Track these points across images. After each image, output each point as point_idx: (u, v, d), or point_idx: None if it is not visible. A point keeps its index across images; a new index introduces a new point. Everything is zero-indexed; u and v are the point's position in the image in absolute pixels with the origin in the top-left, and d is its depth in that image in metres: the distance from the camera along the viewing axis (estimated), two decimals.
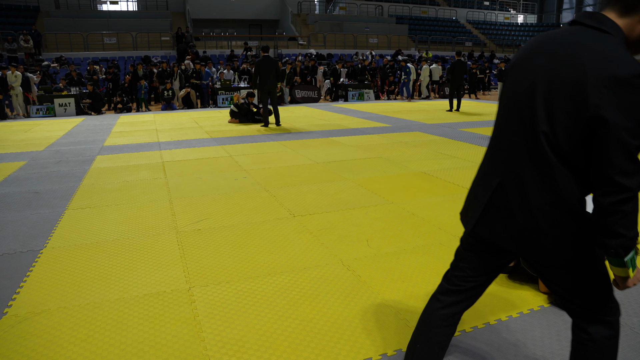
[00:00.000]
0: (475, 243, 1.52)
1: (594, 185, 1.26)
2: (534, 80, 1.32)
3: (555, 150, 1.28)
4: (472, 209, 1.52)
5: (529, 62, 1.36)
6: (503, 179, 1.41)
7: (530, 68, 1.35)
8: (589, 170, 1.26)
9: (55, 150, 7.42)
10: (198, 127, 9.83)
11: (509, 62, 1.48)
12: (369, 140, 7.78)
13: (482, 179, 1.52)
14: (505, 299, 2.53)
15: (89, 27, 20.73)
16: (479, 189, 1.52)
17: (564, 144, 1.26)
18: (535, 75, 1.33)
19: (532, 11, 37.04)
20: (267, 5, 26.43)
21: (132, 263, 3.04)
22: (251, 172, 5.58)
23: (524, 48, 1.43)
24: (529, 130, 1.33)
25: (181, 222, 3.83)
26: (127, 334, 2.23)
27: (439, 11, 31.18)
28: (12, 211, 4.23)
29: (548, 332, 2.21)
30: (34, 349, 2.12)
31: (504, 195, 1.40)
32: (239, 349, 2.10)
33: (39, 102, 13.17)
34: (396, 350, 2.07)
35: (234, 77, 15.88)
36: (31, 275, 2.88)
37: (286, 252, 3.17)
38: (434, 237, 3.42)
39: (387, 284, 2.69)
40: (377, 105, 14.47)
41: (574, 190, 1.29)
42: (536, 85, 1.31)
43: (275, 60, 9.32)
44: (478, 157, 6.23)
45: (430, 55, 21.95)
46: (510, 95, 1.41)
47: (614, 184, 1.20)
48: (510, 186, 1.39)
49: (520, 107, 1.36)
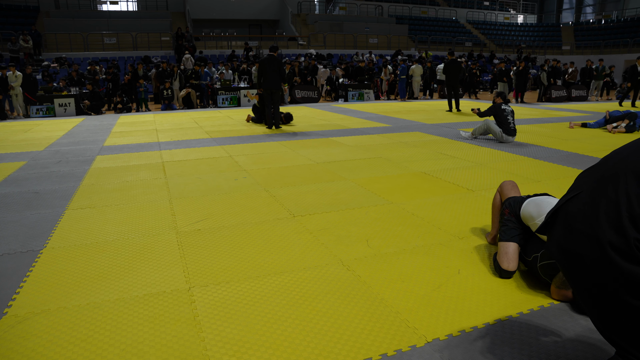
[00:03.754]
0: None
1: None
2: None
3: None
4: None
5: None
6: None
7: None
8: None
9: (55, 151, 7.42)
10: (198, 127, 9.83)
11: None
12: (369, 140, 7.78)
13: None
14: (505, 299, 2.53)
15: (89, 27, 20.74)
16: None
17: None
18: None
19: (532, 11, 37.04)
20: (267, 5, 26.44)
21: (132, 263, 3.04)
22: (251, 172, 5.59)
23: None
24: None
25: (181, 222, 3.83)
26: (127, 334, 2.23)
27: (438, 11, 31.19)
28: (12, 211, 4.23)
29: (548, 332, 2.21)
30: (34, 349, 2.12)
31: None
32: (239, 349, 2.10)
33: (39, 102, 13.17)
34: (396, 350, 2.07)
35: (234, 77, 15.88)
36: (31, 275, 2.88)
37: (286, 252, 3.18)
38: (433, 237, 3.42)
39: (387, 284, 2.69)
40: (377, 105, 14.47)
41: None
42: None
43: (280, 60, 9.27)
44: (478, 157, 6.23)
45: (430, 55, 21.95)
46: None
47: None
48: None
49: None
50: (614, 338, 1.50)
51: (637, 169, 1.43)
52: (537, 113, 12.06)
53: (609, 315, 1.47)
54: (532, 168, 5.58)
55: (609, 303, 1.44)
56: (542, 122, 10.03)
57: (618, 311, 1.43)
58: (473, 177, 5.16)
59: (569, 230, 1.52)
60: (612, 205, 1.42)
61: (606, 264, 1.39)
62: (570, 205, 1.56)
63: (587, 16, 35.02)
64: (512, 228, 2.82)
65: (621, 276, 1.37)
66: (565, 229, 1.54)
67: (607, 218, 1.41)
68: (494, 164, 5.85)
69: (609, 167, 1.52)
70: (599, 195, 1.47)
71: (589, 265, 1.45)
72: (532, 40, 30.41)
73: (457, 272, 2.85)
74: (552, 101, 15.95)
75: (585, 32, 30.19)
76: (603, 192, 1.46)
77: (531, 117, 10.99)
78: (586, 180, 1.58)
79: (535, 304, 2.47)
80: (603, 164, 1.58)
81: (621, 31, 27.36)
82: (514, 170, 5.50)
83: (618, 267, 1.37)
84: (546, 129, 9.02)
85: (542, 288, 2.63)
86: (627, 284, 1.37)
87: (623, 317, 1.43)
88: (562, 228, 1.56)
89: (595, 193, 1.49)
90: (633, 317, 1.41)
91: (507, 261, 2.72)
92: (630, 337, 1.44)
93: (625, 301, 1.39)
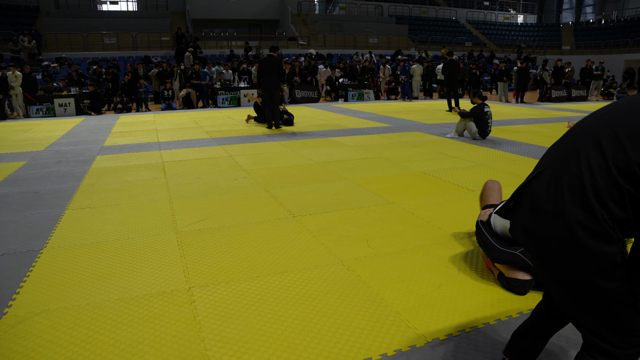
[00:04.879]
0: None
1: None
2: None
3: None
4: None
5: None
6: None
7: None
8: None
9: (55, 150, 7.42)
10: (198, 127, 9.83)
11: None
12: (368, 140, 7.78)
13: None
14: (505, 299, 2.53)
15: (89, 27, 20.73)
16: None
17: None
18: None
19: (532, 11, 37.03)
20: (267, 5, 26.43)
21: (132, 263, 3.04)
22: (251, 172, 5.59)
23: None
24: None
25: (181, 222, 3.83)
26: (127, 334, 2.23)
27: (438, 11, 31.18)
28: (12, 211, 4.22)
29: None
30: (34, 349, 2.12)
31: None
32: (239, 349, 2.10)
33: (39, 102, 13.16)
34: (396, 350, 2.08)
35: (234, 77, 15.88)
36: (31, 275, 2.88)
37: (286, 252, 3.18)
38: (433, 237, 3.42)
39: (387, 284, 2.69)
40: (377, 105, 14.47)
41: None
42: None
43: (279, 60, 9.24)
44: (478, 157, 6.23)
45: (430, 56, 21.95)
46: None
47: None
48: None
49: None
50: (589, 326, 1.38)
51: (596, 137, 1.32)
52: (537, 113, 12.06)
53: (584, 303, 1.36)
54: (531, 168, 5.57)
55: (582, 289, 1.33)
56: (542, 122, 10.03)
57: (592, 298, 1.33)
58: (473, 177, 5.16)
59: (534, 211, 1.39)
60: (575, 179, 1.30)
61: (576, 245, 1.28)
62: (535, 184, 1.43)
63: (587, 16, 35.02)
64: (499, 244, 2.70)
65: (593, 257, 1.27)
66: (531, 210, 1.41)
67: (571, 194, 1.30)
68: (494, 164, 5.85)
69: (570, 139, 1.42)
70: (562, 170, 1.35)
71: (557, 247, 1.33)
72: (532, 40, 30.41)
73: (457, 272, 2.85)
74: (552, 101, 15.95)
75: (585, 32, 30.19)
76: (566, 166, 1.35)
77: (531, 117, 10.99)
78: (550, 156, 1.46)
79: (536, 304, 2.47)
80: (565, 137, 1.46)
81: (621, 31, 27.36)
82: (514, 170, 5.50)
83: (588, 247, 1.26)
84: (546, 128, 9.02)
85: (542, 288, 2.62)
86: (599, 266, 1.27)
87: (598, 304, 1.33)
88: (527, 209, 1.42)
89: (557, 168, 1.38)
90: (606, 302, 1.32)
91: (522, 271, 2.58)
92: (607, 324, 1.35)
93: (599, 285, 1.29)
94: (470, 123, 7.70)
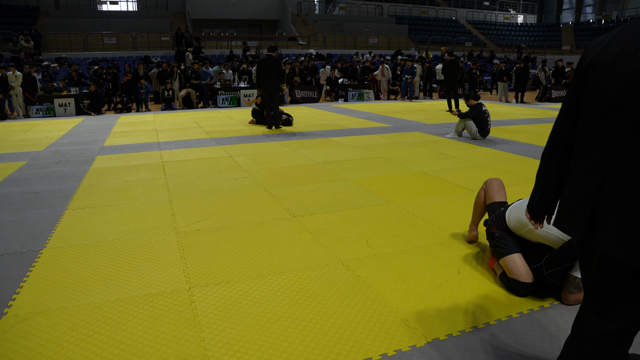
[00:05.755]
0: None
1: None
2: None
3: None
4: None
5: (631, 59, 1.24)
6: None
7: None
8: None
9: (55, 151, 7.42)
10: (198, 128, 9.83)
11: (587, 61, 1.37)
12: (368, 140, 7.78)
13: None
14: (505, 299, 2.53)
15: (88, 27, 20.73)
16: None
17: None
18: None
19: (532, 11, 37.04)
20: (267, 5, 26.43)
21: (132, 263, 3.04)
22: (251, 172, 5.59)
23: (608, 44, 1.32)
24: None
25: (181, 222, 3.83)
26: (127, 334, 2.23)
27: (438, 11, 31.19)
28: (12, 211, 4.23)
29: (548, 332, 2.21)
30: (34, 349, 2.12)
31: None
32: (239, 349, 2.10)
33: (39, 102, 13.16)
34: (396, 350, 2.07)
35: (234, 77, 15.88)
36: (31, 275, 2.88)
37: (286, 252, 3.18)
38: (433, 237, 3.42)
39: (387, 284, 2.69)
40: (377, 105, 14.47)
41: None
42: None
43: (277, 60, 9.23)
44: (478, 157, 6.23)
45: (430, 56, 21.95)
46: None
47: None
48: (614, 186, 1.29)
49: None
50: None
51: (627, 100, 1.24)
52: (537, 113, 12.06)
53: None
54: (531, 168, 5.58)
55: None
56: (542, 122, 10.03)
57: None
58: (473, 177, 5.17)
59: (624, 223, 1.27)
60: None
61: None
62: (607, 194, 1.30)
63: (587, 16, 35.02)
64: (509, 241, 2.69)
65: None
66: (617, 223, 1.28)
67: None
68: (494, 164, 5.85)
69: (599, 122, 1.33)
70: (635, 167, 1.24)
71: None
72: (532, 40, 30.41)
73: (457, 272, 2.85)
74: (552, 101, 15.95)
75: (585, 32, 30.18)
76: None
77: (531, 117, 10.99)
78: (596, 156, 1.34)
79: (536, 304, 2.47)
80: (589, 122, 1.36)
81: None
82: (514, 170, 5.50)
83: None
84: (546, 128, 9.02)
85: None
86: None
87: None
88: (612, 223, 1.29)
89: (628, 166, 1.26)
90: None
91: (525, 274, 2.55)
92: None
93: None
94: (470, 123, 7.71)
